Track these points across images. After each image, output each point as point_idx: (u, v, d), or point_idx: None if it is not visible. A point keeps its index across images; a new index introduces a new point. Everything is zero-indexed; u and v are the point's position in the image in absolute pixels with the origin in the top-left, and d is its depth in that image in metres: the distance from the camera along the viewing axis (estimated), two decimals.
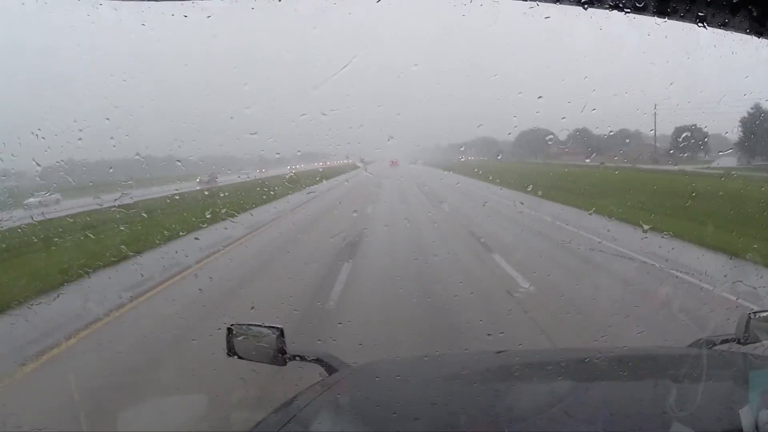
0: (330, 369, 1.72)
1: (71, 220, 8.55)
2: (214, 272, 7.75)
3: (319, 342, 4.10)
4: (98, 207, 7.39)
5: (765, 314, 1.66)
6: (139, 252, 7.81)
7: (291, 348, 1.69)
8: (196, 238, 7.87)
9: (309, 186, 14.66)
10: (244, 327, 1.72)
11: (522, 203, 11.35)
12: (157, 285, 7.18)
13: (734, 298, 4.77)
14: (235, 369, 1.80)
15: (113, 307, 6.09)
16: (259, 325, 1.72)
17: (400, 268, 7.26)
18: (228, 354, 1.72)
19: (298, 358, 1.73)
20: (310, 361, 1.87)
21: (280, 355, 1.66)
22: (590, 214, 9.84)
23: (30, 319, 5.49)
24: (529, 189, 13.11)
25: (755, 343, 1.60)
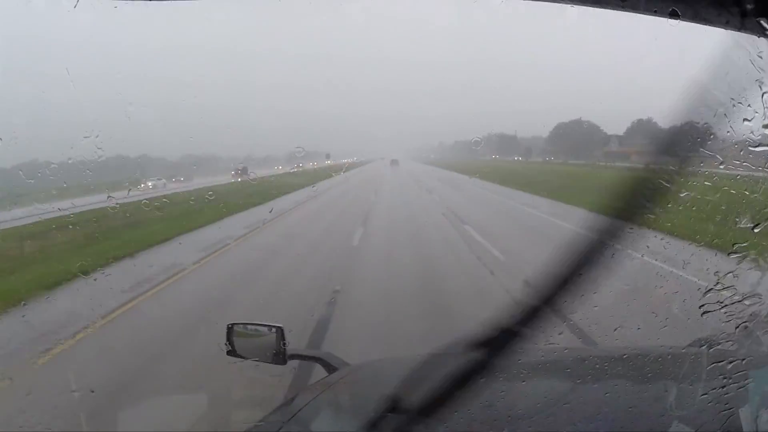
0: (330, 368, 1.72)
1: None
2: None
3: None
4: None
5: (765, 313, 1.66)
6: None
7: (291, 347, 1.70)
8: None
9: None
10: (244, 326, 1.72)
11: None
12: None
13: None
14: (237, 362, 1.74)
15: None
16: (260, 324, 1.73)
17: None
18: (228, 353, 1.72)
19: (298, 357, 1.73)
20: (310, 359, 1.88)
21: (281, 354, 1.66)
22: None
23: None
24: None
25: (755, 342, 1.60)
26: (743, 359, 1.60)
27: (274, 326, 1.69)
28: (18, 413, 3.48)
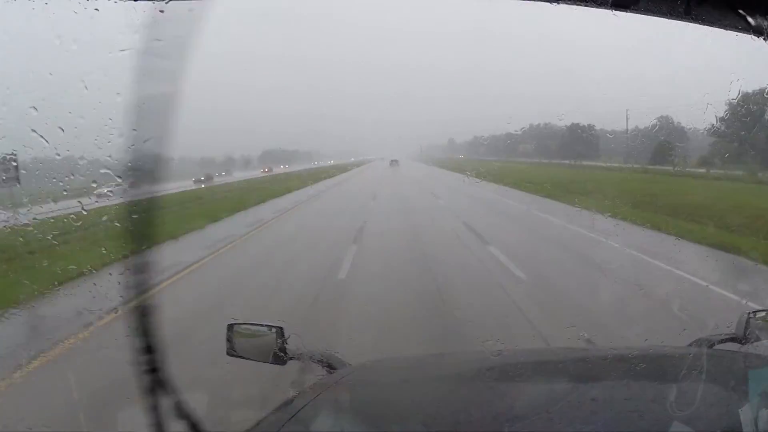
0: (330, 368, 1.72)
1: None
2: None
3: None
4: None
5: (764, 313, 1.67)
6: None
7: (291, 347, 1.69)
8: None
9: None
10: (244, 326, 1.72)
11: None
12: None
13: None
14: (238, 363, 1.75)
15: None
16: (259, 324, 1.72)
17: None
18: (228, 353, 1.72)
19: (298, 357, 1.73)
20: (310, 360, 1.88)
21: (280, 355, 1.66)
22: None
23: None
24: None
25: (755, 342, 1.60)
26: (743, 359, 1.60)
27: (274, 326, 1.69)
28: None
